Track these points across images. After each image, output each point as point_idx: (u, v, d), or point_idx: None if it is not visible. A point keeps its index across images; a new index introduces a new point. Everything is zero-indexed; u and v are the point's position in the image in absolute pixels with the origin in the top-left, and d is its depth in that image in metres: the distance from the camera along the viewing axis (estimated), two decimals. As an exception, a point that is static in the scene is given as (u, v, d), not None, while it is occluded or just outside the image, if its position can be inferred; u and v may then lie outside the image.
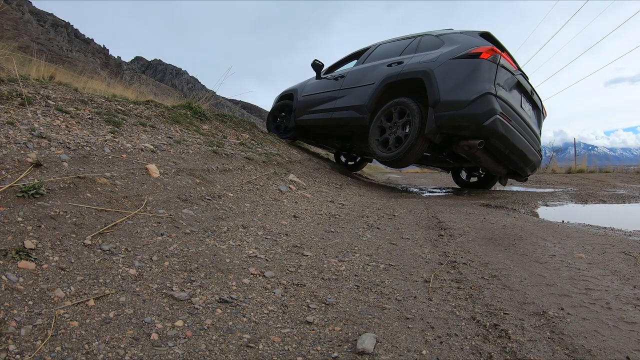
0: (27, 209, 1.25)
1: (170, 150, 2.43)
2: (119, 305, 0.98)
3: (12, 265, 1.01)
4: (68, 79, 4.50)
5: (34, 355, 0.77)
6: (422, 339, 0.94)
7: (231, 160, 2.85)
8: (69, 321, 0.89)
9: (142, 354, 0.82)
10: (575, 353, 0.87)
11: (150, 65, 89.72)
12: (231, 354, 0.86)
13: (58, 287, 0.99)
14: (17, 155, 1.52)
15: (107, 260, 1.16)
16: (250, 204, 2.17)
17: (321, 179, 3.75)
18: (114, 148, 2.03)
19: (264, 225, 1.87)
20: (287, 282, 1.25)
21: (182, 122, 3.25)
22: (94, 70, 23.12)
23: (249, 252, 1.47)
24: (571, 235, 1.97)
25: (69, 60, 35.23)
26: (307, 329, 0.98)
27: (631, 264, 1.52)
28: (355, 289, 1.24)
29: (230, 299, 1.09)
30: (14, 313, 0.87)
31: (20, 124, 1.82)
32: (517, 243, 1.81)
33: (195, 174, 2.23)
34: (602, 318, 1.05)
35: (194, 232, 1.53)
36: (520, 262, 1.52)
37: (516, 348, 0.89)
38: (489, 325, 1.00)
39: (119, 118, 2.56)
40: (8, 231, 1.12)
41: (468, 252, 1.66)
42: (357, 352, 0.87)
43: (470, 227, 2.11)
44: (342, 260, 1.50)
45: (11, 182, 1.34)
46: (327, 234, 1.91)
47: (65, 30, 54.32)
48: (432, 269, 1.45)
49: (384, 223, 2.24)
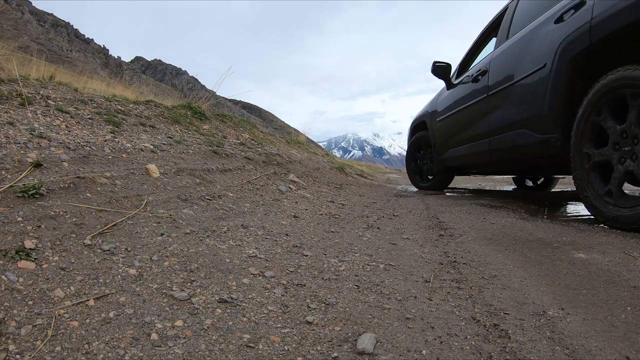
0: (27, 209, 1.25)
1: (170, 150, 2.43)
2: (119, 305, 0.98)
3: (12, 265, 1.01)
4: (68, 79, 4.50)
5: (34, 355, 0.77)
6: (422, 338, 0.94)
7: (231, 160, 2.85)
8: (69, 321, 0.89)
9: (142, 354, 0.82)
10: (575, 353, 0.87)
11: (150, 65, 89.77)
12: (231, 354, 0.86)
13: (58, 287, 0.99)
14: (17, 155, 1.53)
15: (107, 260, 1.16)
16: (250, 204, 2.17)
17: (321, 178, 3.75)
18: (114, 148, 2.03)
19: (264, 225, 1.87)
20: (287, 282, 1.25)
21: (182, 122, 3.25)
22: (94, 70, 23.12)
23: (249, 252, 1.47)
24: (568, 234, 1.97)
25: (69, 60, 35.23)
26: (307, 329, 0.98)
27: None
28: (355, 289, 1.24)
29: (230, 299, 1.09)
30: (14, 313, 0.87)
31: (20, 124, 1.82)
32: (517, 243, 1.81)
33: (195, 174, 2.23)
34: (602, 318, 1.05)
35: (194, 232, 1.53)
36: (520, 262, 1.52)
37: (516, 348, 0.89)
38: (489, 325, 1.00)
39: (119, 118, 2.56)
40: (8, 231, 1.12)
41: (468, 252, 1.66)
42: (357, 352, 0.87)
43: (471, 227, 2.11)
44: (342, 260, 1.50)
45: (11, 182, 1.34)
46: (327, 234, 1.91)
47: (65, 30, 54.33)
48: (432, 268, 1.45)
49: (384, 223, 2.24)
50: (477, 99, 2.93)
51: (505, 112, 2.56)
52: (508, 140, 2.56)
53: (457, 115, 3.31)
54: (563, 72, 2.03)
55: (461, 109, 3.22)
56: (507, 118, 2.54)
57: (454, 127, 3.42)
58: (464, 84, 3.25)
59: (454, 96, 3.43)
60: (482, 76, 2.89)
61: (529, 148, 2.38)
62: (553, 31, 2.12)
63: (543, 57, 2.17)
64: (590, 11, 1.86)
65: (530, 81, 2.29)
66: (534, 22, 2.38)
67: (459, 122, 3.31)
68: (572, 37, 1.96)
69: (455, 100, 3.36)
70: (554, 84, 2.08)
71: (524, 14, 2.62)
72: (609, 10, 1.75)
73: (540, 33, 2.25)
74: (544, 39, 2.19)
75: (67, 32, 54.29)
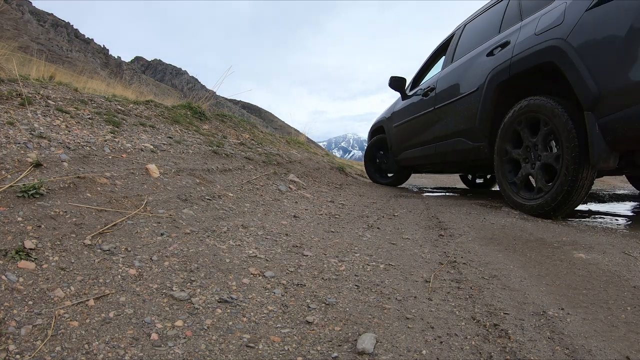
0: (27, 209, 1.25)
1: (170, 150, 2.43)
2: (119, 305, 0.98)
3: (12, 265, 1.01)
4: (68, 79, 4.50)
5: (34, 355, 0.77)
6: (422, 338, 0.94)
7: (231, 160, 2.85)
8: (69, 321, 0.89)
9: (142, 354, 0.82)
10: (575, 353, 0.87)
11: (150, 65, 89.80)
12: (231, 354, 0.86)
13: (58, 287, 0.99)
14: (17, 155, 1.53)
15: (107, 260, 1.16)
16: (250, 204, 2.18)
17: (321, 178, 3.75)
18: (114, 148, 2.03)
19: (264, 225, 1.87)
20: (287, 282, 1.25)
21: (182, 122, 3.25)
22: (94, 70, 23.13)
23: (249, 252, 1.47)
24: (568, 234, 1.97)
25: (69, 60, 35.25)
26: (307, 329, 0.98)
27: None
28: (355, 289, 1.24)
29: (230, 299, 1.09)
30: (14, 313, 0.87)
31: (20, 124, 1.82)
32: (517, 243, 1.81)
33: (195, 174, 2.23)
34: (602, 318, 1.05)
35: (194, 232, 1.53)
36: (520, 262, 1.52)
37: (516, 348, 0.89)
38: (489, 325, 1.00)
39: (119, 118, 2.56)
40: (8, 231, 1.12)
41: (468, 252, 1.66)
42: (357, 352, 0.87)
43: (471, 227, 2.12)
44: (342, 260, 1.50)
45: (11, 182, 1.34)
46: (327, 234, 1.91)
47: (65, 30, 54.34)
48: (432, 268, 1.45)
49: (384, 223, 2.24)
50: (426, 111, 3.52)
51: (447, 123, 3.17)
52: (450, 146, 3.17)
53: (410, 123, 3.88)
54: (490, 96, 2.59)
55: (413, 118, 3.80)
56: (449, 128, 3.15)
57: (407, 133, 3.99)
58: (417, 96, 3.81)
59: (407, 107, 4.02)
60: (431, 92, 3.48)
61: (465, 152, 2.99)
62: (485, 62, 2.68)
63: (477, 82, 2.74)
64: (511, 51, 2.42)
65: (467, 100, 2.87)
66: (473, 52, 2.96)
67: (411, 129, 3.87)
68: (497, 69, 2.52)
69: (409, 110, 3.94)
70: (483, 105, 2.66)
71: (466, 42, 3.23)
72: (522, 53, 2.30)
73: (476, 62, 2.82)
74: (478, 68, 2.76)
75: (67, 32, 54.30)
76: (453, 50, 3.39)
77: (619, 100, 1.79)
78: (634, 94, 1.73)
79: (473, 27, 3.26)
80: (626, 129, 1.77)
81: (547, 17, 2.22)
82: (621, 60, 1.77)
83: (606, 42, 1.83)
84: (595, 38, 1.88)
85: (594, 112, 1.88)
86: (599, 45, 1.86)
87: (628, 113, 1.75)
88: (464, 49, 3.20)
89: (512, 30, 2.54)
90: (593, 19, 1.91)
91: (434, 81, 3.49)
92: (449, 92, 3.14)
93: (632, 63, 1.73)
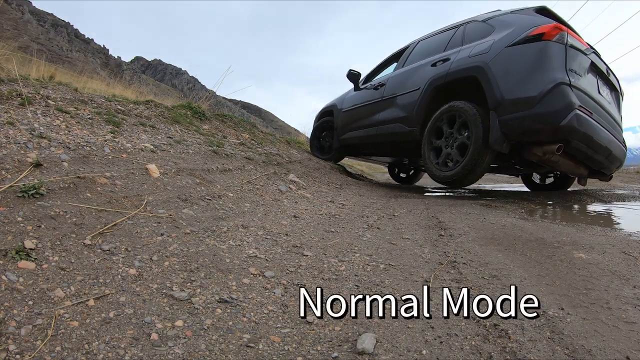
0: (27, 209, 1.25)
1: (170, 150, 2.43)
2: (119, 305, 0.98)
3: (12, 265, 1.01)
4: (68, 79, 4.50)
5: (34, 355, 0.77)
6: (422, 338, 0.94)
7: (231, 160, 2.85)
8: (69, 321, 0.89)
9: (142, 354, 0.82)
10: (575, 353, 0.87)
11: (150, 65, 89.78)
12: (231, 354, 0.86)
13: (58, 287, 0.99)
14: (17, 155, 1.53)
15: (107, 260, 1.16)
16: (250, 204, 2.17)
17: (321, 178, 3.75)
18: (114, 148, 2.03)
19: (264, 225, 1.87)
20: (287, 282, 1.25)
21: (182, 122, 3.25)
22: (94, 70, 23.13)
23: (249, 252, 1.47)
24: (568, 234, 1.97)
25: (69, 60, 35.24)
26: (307, 329, 0.98)
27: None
28: (355, 289, 1.24)
29: (230, 299, 1.09)
30: (14, 313, 0.87)
31: (20, 124, 1.82)
32: (517, 243, 1.81)
33: (195, 174, 2.23)
34: (602, 318, 1.05)
35: (194, 232, 1.53)
36: (520, 262, 1.52)
37: (516, 348, 0.89)
38: (489, 325, 1.00)
39: (119, 118, 2.56)
40: (8, 231, 1.12)
41: (468, 252, 1.66)
42: (357, 352, 0.87)
43: (470, 227, 2.11)
44: (342, 260, 1.50)
45: (11, 182, 1.34)
46: (327, 233, 1.91)
47: (65, 30, 54.33)
48: (432, 269, 1.45)
49: (384, 223, 2.24)
50: (374, 100, 4.34)
51: (391, 111, 4.03)
52: (390, 129, 3.99)
53: (359, 109, 4.64)
54: (428, 95, 3.52)
55: (362, 105, 4.59)
56: (391, 115, 4.00)
57: (354, 117, 4.71)
58: (368, 90, 4.60)
59: (359, 96, 4.77)
60: (381, 87, 4.33)
61: (402, 135, 3.84)
62: (429, 70, 3.60)
63: (420, 83, 3.65)
64: (449, 65, 3.36)
65: (409, 96, 3.77)
66: (421, 61, 3.88)
67: (359, 114, 4.61)
68: (437, 76, 3.44)
69: (359, 98, 4.72)
70: (421, 100, 3.58)
71: (417, 54, 4.15)
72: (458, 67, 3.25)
73: (423, 69, 3.73)
74: (423, 73, 3.68)
75: (67, 32, 54.29)
76: (405, 58, 4.31)
77: (512, 107, 2.76)
78: (519, 104, 2.73)
79: (425, 44, 4.20)
80: (514, 125, 2.76)
81: (479, 46, 3.17)
82: (517, 83, 2.76)
83: (511, 69, 2.82)
84: (506, 66, 2.86)
85: (496, 112, 2.85)
86: (507, 70, 2.84)
87: (515, 115, 2.74)
88: (414, 59, 4.12)
89: (454, 51, 3.48)
90: (508, 53, 2.89)
91: (386, 79, 4.34)
92: (397, 87, 4.03)
93: (523, 86, 2.73)
